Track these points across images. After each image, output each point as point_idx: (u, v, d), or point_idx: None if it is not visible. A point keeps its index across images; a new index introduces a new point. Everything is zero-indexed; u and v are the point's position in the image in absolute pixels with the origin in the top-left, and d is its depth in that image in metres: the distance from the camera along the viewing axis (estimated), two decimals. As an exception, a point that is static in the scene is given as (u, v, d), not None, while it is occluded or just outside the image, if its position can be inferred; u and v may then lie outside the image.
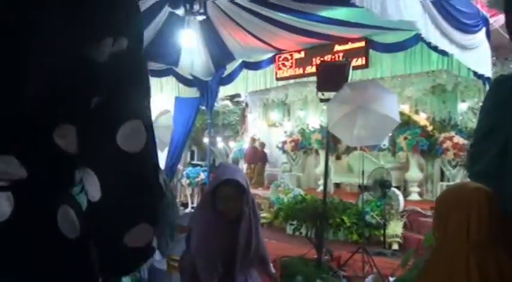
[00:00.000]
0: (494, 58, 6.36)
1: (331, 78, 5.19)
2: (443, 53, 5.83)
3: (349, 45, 7.18)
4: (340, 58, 7.08)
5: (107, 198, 0.81)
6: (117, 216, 0.83)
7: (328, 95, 5.28)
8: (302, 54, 7.90)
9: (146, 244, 0.87)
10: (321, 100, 5.39)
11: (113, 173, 0.82)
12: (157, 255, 4.44)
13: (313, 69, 7.68)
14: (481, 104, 2.09)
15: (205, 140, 11.06)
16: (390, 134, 8.02)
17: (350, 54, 7.02)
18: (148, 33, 7.14)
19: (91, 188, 0.81)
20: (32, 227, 0.76)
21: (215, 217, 2.42)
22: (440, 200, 1.56)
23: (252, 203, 2.52)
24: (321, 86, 5.29)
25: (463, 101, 7.97)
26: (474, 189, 1.46)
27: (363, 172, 5.43)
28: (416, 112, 8.54)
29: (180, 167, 10.64)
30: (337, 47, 7.36)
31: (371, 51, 6.97)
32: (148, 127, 0.84)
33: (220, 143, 13.11)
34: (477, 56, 5.72)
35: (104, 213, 0.83)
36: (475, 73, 5.88)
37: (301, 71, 7.95)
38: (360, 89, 4.95)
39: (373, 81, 5.46)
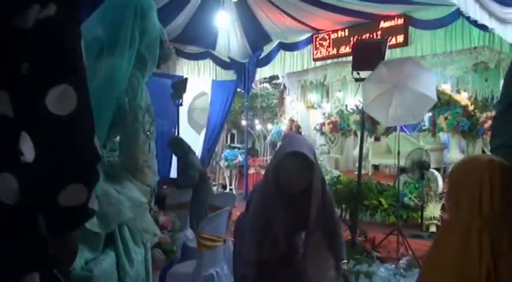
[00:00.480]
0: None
1: (367, 56, 5.09)
2: (484, 28, 5.59)
3: (388, 23, 6.98)
4: (378, 37, 6.91)
5: (40, 159, 0.84)
6: (50, 176, 0.86)
7: (363, 74, 5.18)
8: (339, 34, 7.75)
9: (80, 204, 0.90)
10: (356, 80, 5.30)
11: (45, 135, 0.85)
12: (189, 234, 4.53)
13: (350, 49, 7.56)
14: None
15: (244, 122, 11.07)
16: (430, 114, 7.80)
17: (388, 32, 6.84)
18: (184, 16, 7.21)
19: (25, 149, 0.83)
20: None
21: (276, 191, 2.25)
22: (453, 172, 1.49)
23: (322, 180, 2.33)
24: (357, 65, 5.19)
25: (506, 78, 7.61)
26: (487, 160, 1.39)
27: (398, 153, 5.32)
28: (458, 91, 8.25)
29: (218, 149, 10.75)
30: (375, 26, 7.17)
31: (410, 29, 6.76)
32: (80, 91, 0.86)
33: (258, 126, 13.10)
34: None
35: (38, 173, 0.85)
36: (517, 49, 5.61)
37: (339, 51, 7.81)
38: (395, 67, 4.84)
39: (410, 59, 5.29)
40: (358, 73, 5.19)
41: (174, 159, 7.79)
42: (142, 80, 1.99)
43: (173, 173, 7.74)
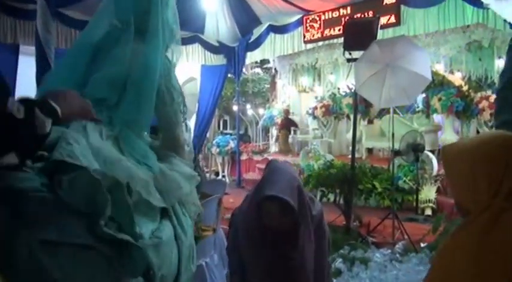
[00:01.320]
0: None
1: (359, 36, 4.93)
2: (477, 5, 5.45)
3: (379, 2, 6.80)
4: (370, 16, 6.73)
5: None
6: None
7: (355, 54, 5.03)
8: (330, 15, 7.56)
9: None
10: (348, 60, 5.13)
11: None
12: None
13: (342, 31, 7.39)
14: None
15: (235, 108, 10.91)
16: (424, 95, 7.68)
17: (380, 11, 6.65)
18: (170, -1, 6.99)
19: None
20: None
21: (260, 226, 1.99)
22: (463, 152, 1.28)
23: (310, 219, 2.03)
24: (348, 45, 5.04)
25: (500, 57, 7.48)
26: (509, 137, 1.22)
27: (393, 135, 5.19)
28: (451, 72, 8.12)
29: (209, 135, 10.59)
30: (367, 5, 6.99)
31: (402, 8, 6.58)
32: None
33: (249, 111, 12.96)
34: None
35: None
36: (511, 25, 5.45)
37: (329, 32, 7.63)
38: (388, 46, 4.68)
39: (403, 37, 5.14)
40: (350, 53, 5.04)
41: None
42: (171, 62, 2.05)
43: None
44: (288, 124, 10.73)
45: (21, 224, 1.14)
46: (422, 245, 4.45)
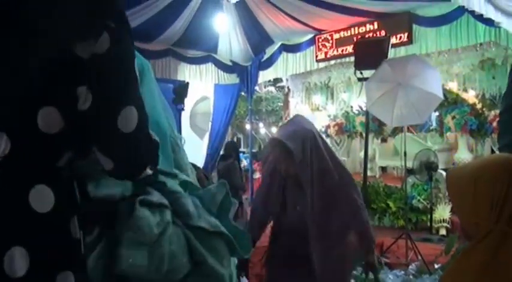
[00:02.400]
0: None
1: (370, 55, 4.96)
2: (489, 23, 5.43)
3: (391, 21, 6.81)
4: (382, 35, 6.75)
5: (117, 167, 1.04)
6: (125, 176, 1.15)
7: (367, 73, 5.04)
8: (342, 34, 7.59)
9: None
10: (359, 79, 5.16)
11: (117, 149, 1.03)
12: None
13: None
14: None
15: (248, 126, 10.94)
16: (437, 114, 7.63)
17: (392, 30, 6.66)
18: (184, 19, 7.09)
19: (103, 162, 1.03)
20: (4, 200, 0.90)
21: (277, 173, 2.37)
22: (465, 176, 1.26)
23: (316, 169, 2.29)
24: (359, 64, 5.06)
25: (514, 75, 7.40)
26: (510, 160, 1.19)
27: (405, 153, 5.16)
28: (465, 90, 8.06)
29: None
30: (378, 24, 7.01)
31: (414, 26, 6.59)
32: (139, 109, 1.01)
33: (262, 129, 12.98)
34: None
35: (118, 175, 1.12)
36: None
37: (342, 51, 7.65)
38: (399, 65, 4.69)
39: (413, 56, 5.14)
40: (361, 72, 5.05)
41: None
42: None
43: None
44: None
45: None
46: (436, 266, 4.38)
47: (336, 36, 7.67)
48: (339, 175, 2.35)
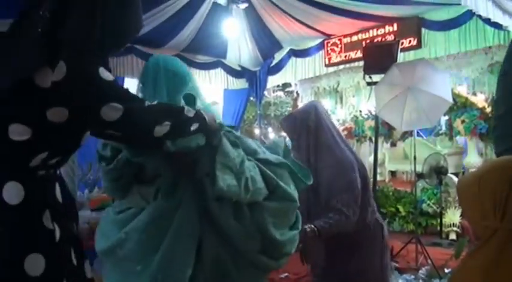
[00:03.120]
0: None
1: (379, 59, 4.95)
2: (498, 27, 5.44)
3: (400, 25, 6.83)
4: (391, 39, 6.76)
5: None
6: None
7: (376, 77, 5.05)
8: (351, 39, 7.61)
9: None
10: (368, 84, 5.16)
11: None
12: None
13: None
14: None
15: (257, 131, 10.97)
16: (446, 118, 7.60)
17: (401, 34, 6.68)
18: (193, 25, 7.15)
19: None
20: None
21: None
22: (471, 180, 1.28)
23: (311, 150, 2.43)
24: (368, 69, 5.06)
25: (524, 78, 7.36)
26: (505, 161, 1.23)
27: (415, 158, 5.15)
28: (474, 93, 8.02)
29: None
30: (387, 28, 7.02)
31: (423, 31, 6.60)
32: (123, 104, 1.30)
33: (271, 134, 13.00)
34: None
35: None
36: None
37: (351, 55, 7.67)
38: (408, 69, 4.69)
39: (423, 61, 5.13)
40: (370, 77, 5.06)
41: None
42: None
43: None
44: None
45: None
46: (446, 270, 4.36)
47: (345, 40, 7.69)
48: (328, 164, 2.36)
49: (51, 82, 1.14)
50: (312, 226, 2.15)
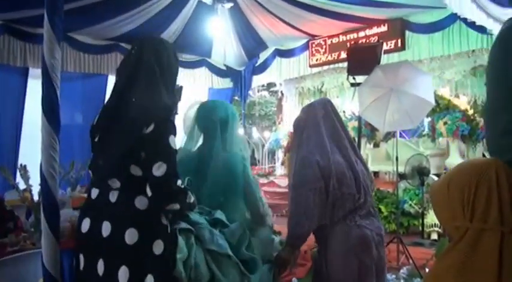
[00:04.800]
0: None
1: (362, 61, 5.00)
2: (481, 30, 5.52)
3: (384, 28, 6.90)
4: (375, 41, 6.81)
5: (153, 195, 1.86)
6: (159, 203, 1.91)
7: (359, 79, 5.09)
8: (336, 40, 7.66)
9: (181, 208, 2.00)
10: (352, 84, 5.20)
11: (152, 184, 1.86)
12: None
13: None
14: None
15: (241, 131, 10.96)
16: (429, 119, 7.69)
17: (385, 37, 6.75)
18: (178, 24, 7.12)
19: (147, 191, 1.86)
20: (124, 203, 1.86)
21: None
22: (442, 183, 1.30)
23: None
24: (352, 70, 5.10)
25: (506, 81, 7.48)
26: (477, 162, 1.26)
27: (397, 158, 5.20)
28: (457, 96, 8.12)
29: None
30: (371, 30, 7.08)
31: (407, 33, 6.67)
32: (168, 164, 1.84)
33: (255, 134, 13.00)
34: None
35: (154, 202, 1.90)
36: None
37: (335, 56, 7.72)
38: (391, 70, 4.74)
39: (406, 62, 5.18)
40: (354, 78, 5.10)
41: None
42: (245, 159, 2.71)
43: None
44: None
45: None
46: (427, 270, 4.42)
47: (329, 41, 7.74)
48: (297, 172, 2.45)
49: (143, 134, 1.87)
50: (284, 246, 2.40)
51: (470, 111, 7.50)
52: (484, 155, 7.48)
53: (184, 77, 8.43)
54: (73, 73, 6.78)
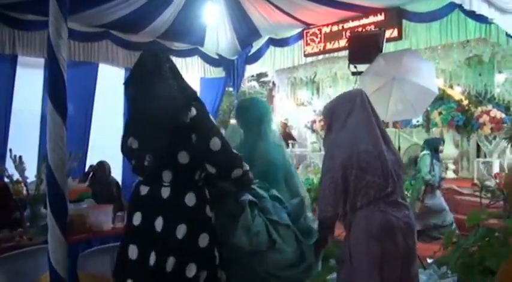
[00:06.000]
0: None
1: (364, 49, 4.92)
2: (480, 19, 5.47)
3: (381, 17, 6.79)
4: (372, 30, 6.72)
5: (217, 170, 2.16)
6: (224, 175, 2.26)
7: (361, 67, 5.00)
8: (331, 29, 7.55)
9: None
10: (353, 73, 5.11)
11: (214, 160, 2.14)
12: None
13: (343, 44, 7.37)
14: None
15: (232, 121, 10.86)
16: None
17: (382, 25, 6.63)
18: (171, 11, 6.94)
19: (209, 169, 2.15)
20: (175, 200, 2.07)
21: None
22: None
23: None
24: (353, 58, 5.02)
25: (500, 72, 7.51)
26: None
27: (399, 149, 5.15)
28: (451, 86, 8.13)
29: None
30: (368, 19, 6.98)
31: (404, 22, 6.58)
32: (221, 138, 2.14)
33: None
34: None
35: (219, 175, 2.22)
36: (514, 40, 5.43)
37: (330, 46, 7.61)
38: (394, 59, 4.67)
39: (409, 51, 5.13)
40: (355, 66, 5.01)
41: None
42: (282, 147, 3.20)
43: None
44: (286, 137, 10.67)
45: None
46: (429, 260, 4.38)
47: (325, 30, 7.62)
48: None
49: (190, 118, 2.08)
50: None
51: (465, 102, 7.50)
52: (478, 145, 7.51)
53: (177, 66, 8.27)
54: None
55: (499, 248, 3.03)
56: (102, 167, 5.83)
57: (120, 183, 6.48)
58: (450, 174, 7.30)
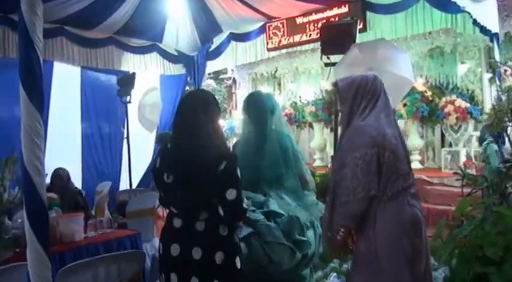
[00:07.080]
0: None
1: (337, 40, 4.80)
2: (447, 9, 5.49)
3: (345, 8, 6.72)
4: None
5: (225, 215, 2.28)
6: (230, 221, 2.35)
7: (334, 58, 4.89)
8: (294, 21, 7.42)
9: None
10: (327, 64, 4.99)
11: (225, 206, 2.26)
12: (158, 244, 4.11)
13: (306, 38, 7.27)
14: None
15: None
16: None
17: (345, 17, 6.56)
18: (128, 6, 6.60)
19: (220, 211, 2.27)
20: (212, 233, 2.30)
21: None
22: None
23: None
24: (326, 49, 4.89)
25: (463, 62, 7.63)
26: None
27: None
28: (414, 77, 8.20)
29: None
30: (331, 11, 6.89)
31: (368, 14, 6.52)
32: (237, 191, 2.25)
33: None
34: (485, 9, 5.37)
35: (225, 221, 2.32)
36: (482, 29, 5.47)
37: (294, 39, 7.48)
38: (369, 49, 4.57)
39: (383, 41, 5.05)
40: (328, 57, 4.89)
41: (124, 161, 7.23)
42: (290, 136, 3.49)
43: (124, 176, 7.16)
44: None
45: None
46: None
47: (288, 23, 7.48)
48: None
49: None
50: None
51: (428, 93, 7.55)
52: (443, 135, 7.59)
53: (135, 64, 7.95)
54: (12, 59, 6.09)
55: (496, 237, 2.98)
56: (58, 176, 5.29)
57: (80, 187, 6.11)
58: (416, 165, 7.33)
